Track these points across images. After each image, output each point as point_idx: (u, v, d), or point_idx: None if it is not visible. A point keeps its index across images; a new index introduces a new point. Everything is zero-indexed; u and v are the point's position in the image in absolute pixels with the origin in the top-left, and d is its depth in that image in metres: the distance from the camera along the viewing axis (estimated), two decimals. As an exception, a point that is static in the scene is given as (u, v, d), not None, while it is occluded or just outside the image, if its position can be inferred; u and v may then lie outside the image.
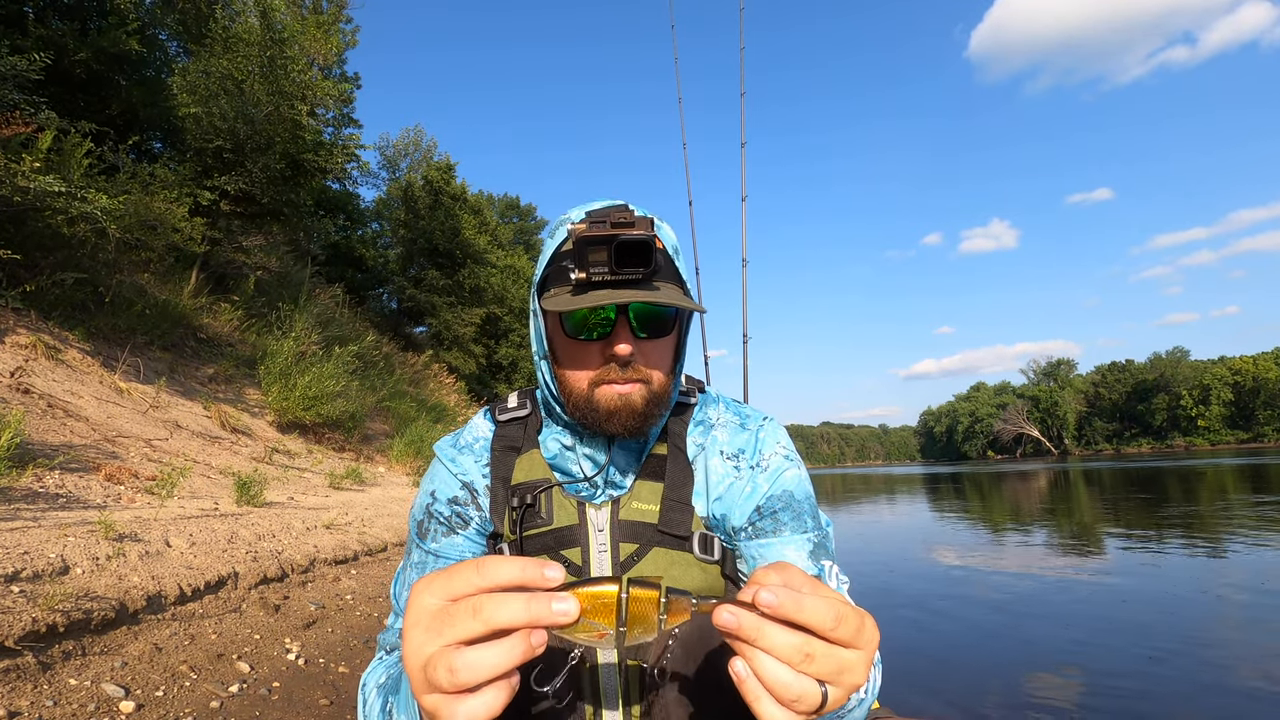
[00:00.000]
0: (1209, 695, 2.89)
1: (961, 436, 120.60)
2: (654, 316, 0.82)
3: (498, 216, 27.63)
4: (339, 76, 15.22)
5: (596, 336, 0.82)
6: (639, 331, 0.82)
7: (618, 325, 0.81)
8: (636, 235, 0.75)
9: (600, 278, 0.77)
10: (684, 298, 0.82)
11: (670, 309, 0.83)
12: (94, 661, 1.94)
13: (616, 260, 0.75)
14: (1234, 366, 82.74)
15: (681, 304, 0.78)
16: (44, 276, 5.38)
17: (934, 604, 4.83)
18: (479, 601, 0.44)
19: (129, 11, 7.50)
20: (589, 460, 0.89)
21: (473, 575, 0.45)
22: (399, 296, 18.55)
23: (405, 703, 0.63)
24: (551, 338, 0.88)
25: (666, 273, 0.84)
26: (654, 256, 0.76)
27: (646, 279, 0.78)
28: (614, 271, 0.76)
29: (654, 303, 0.78)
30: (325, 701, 2.25)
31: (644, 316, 0.82)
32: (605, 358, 0.82)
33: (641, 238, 0.75)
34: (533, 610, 0.44)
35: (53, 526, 2.58)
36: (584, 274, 0.77)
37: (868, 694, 0.74)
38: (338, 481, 6.21)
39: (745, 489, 0.89)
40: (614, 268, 0.76)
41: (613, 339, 0.81)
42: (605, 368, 0.82)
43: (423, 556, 0.90)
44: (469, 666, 0.43)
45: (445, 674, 0.43)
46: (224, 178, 8.13)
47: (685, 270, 0.90)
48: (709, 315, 1.03)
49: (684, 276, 0.88)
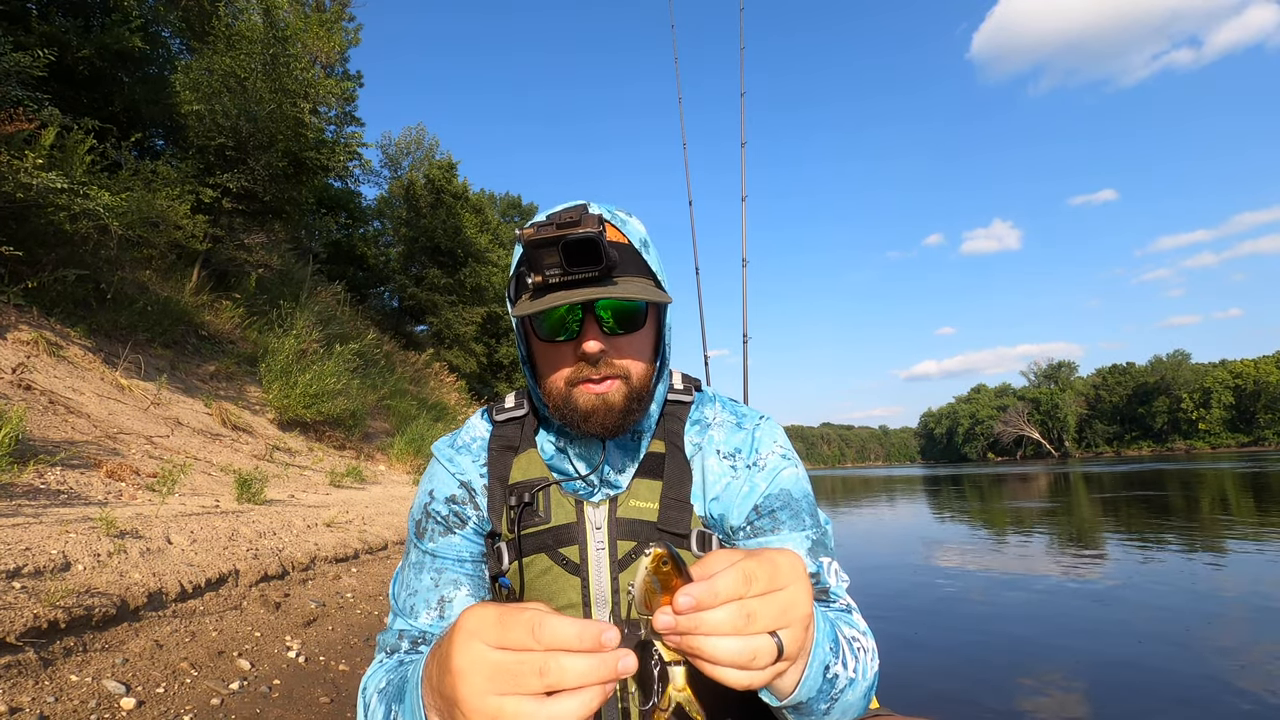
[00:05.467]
0: (1208, 697, 2.89)
1: (962, 438, 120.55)
2: (623, 311, 0.82)
3: (499, 215, 27.63)
4: (341, 75, 15.24)
5: (567, 337, 0.83)
6: (611, 328, 0.82)
7: (585, 324, 0.81)
8: (582, 234, 0.75)
9: (555, 279, 0.77)
10: (647, 290, 0.81)
11: (639, 303, 0.83)
12: (95, 658, 1.94)
13: (567, 260, 0.75)
14: (1235, 369, 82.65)
15: (641, 296, 0.78)
16: (46, 273, 5.39)
17: (933, 604, 4.83)
18: (545, 663, 0.45)
19: (132, 9, 7.50)
20: (582, 460, 0.90)
21: (527, 636, 0.46)
22: (400, 295, 18.56)
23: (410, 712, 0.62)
24: (529, 343, 0.89)
25: (632, 267, 0.84)
26: (603, 252, 0.76)
27: (603, 275, 0.78)
28: (566, 271, 0.76)
29: (617, 298, 0.78)
30: (325, 699, 2.26)
31: (613, 312, 0.82)
32: (577, 357, 0.82)
33: (587, 235, 0.74)
34: (601, 672, 0.45)
35: (54, 523, 2.58)
36: (540, 277, 0.77)
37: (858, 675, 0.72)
38: (338, 479, 6.22)
39: (743, 488, 0.89)
40: (565, 268, 0.76)
41: (581, 338, 0.81)
42: (578, 367, 0.82)
43: (420, 556, 0.91)
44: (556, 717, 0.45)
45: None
46: (226, 175, 8.14)
47: (660, 263, 0.89)
48: (710, 315, 1.03)
49: (654, 269, 0.87)
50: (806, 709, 0.68)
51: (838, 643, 0.71)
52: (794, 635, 0.54)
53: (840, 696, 0.70)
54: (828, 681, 0.68)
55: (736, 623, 0.50)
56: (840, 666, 0.69)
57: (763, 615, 0.51)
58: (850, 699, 0.72)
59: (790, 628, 0.54)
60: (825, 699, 0.68)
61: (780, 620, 0.53)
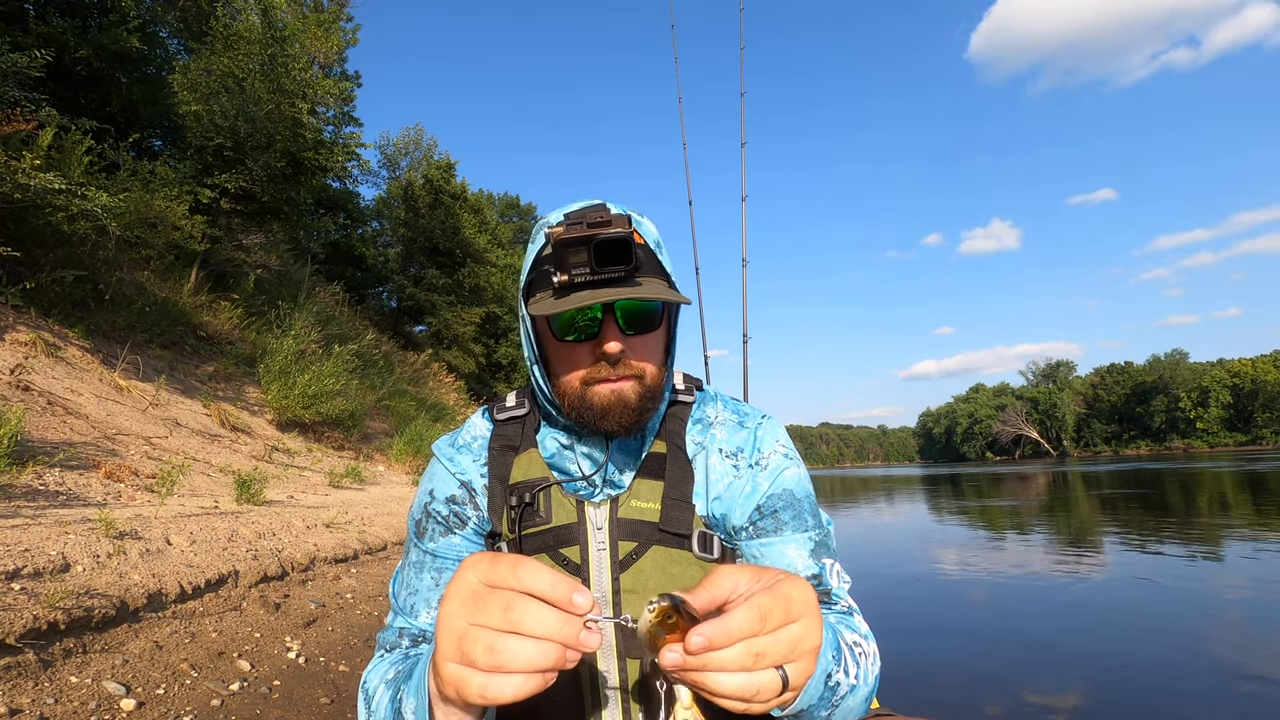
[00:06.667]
0: (1209, 696, 2.89)
1: (960, 438, 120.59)
2: (640, 312, 0.83)
3: (498, 215, 27.62)
4: (339, 75, 15.23)
5: (585, 337, 0.82)
6: (627, 328, 0.82)
7: (605, 324, 0.81)
8: (614, 233, 0.75)
9: (582, 278, 0.77)
10: (669, 291, 0.82)
11: (657, 303, 0.83)
12: (95, 659, 1.94)
13: (597, 260, 0.76)
14: (1233, 369, 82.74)
15: (666, 297, 0.78)
16: (44, 274, 5.38)
17: (933, 604, 4.84)
18: (511, 600, 0.48)
19: (130, 9, 7.49)
20: (587, 459, 0.89)
21: (509, 572, 0.50)
22: (399, 295, 18.54)
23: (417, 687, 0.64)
24: (541, 341, 0.89)
25: (649, 267, 0.84)
26: (634, 253, 0.76)
27: (629, 276, 0.78)
28: (595, 271, 0.76)
29: (640, 299, 0.78)
30: (326, 700, 2.26)
31: (630, 313, 0.82)
32: (595, 357, 0.82)
33: (619, 235, 0.75)
34: (563, 631, 0.48)
35: (53, 524, 2.58)
36: (566, 276, 0.77)
37: (860, 681, 0.72)
38: (337, 480, 6.21)
39: (745, 488, 0.89)
40: (595, 267, 0.76)
41: (601, 338, 0.81)
42: (596, 366, 0.82)
43: (420, 556, 0.90)
44: (508, 652, 0.48)
45: (484, 652, 0.48)
46: (224, 175, 8.13)
47: (671, 263, 0.90)
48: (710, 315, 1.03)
49: (668, 270, 0.88)
50: (807, 716, 0.68)
51: (840, 650, 0.71)
52: (801, 668, 0.55)
53: (841, 703, 0.70)
54: (829, 689, 0.68)
55: (744, 661, 0.51)
56: (842, 674, 0.69)
57: (771, 653, 0.52)
58: (851, 704, 0.72)
59: (799, 661, 0.54)
60: (826, 706, 0.68)
61: (788, 656, 0.53)
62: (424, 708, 0.62)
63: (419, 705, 0.63)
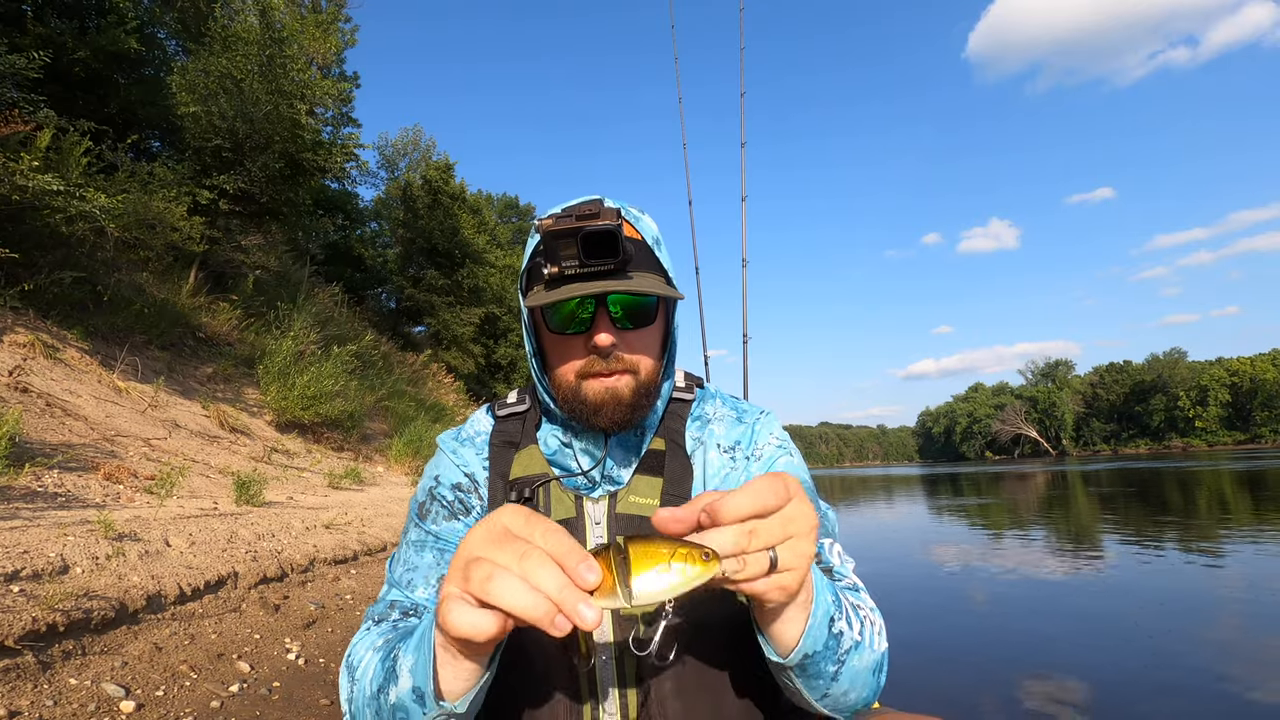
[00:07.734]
0: (1209, 694, 2.89)
1: (960, 437, 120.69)
2: (635, 306, 0.82)
3: (496, 216, 27.64)
4: (338, 76, 15.22)
5: (578, 330, 0.83)
6: (622, 322, 0.82)
7: (597, 317, 0.81)
8: (601, 225, 0.75)
9: (571, 270, 0.77)
10: (663, 285, 0.82)
11: (652, 298, 0.83)
12: (94, 661, 1.94)
13: (585, 252, 0.76)
14: (1231, 368, 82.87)
15: (655, 290, 0.78)
16: (42, 275, 5.37)
17: (933, 603, 4.84)
18: (529, 552, 0.50)
19: (128, 10, 7.48)
20: (586, 455, 0.89)
21: (535, 528, 0.52)
22: (398, 296, 18.54)
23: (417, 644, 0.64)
24: (538, 334, 0.89)
25: (645, 263, 0.84)
26: (621, 246, 0.76)
27: (619, 269, 0.78)
28: (583, 263, 0.76)
29: (627, 291, 0.78)
30: (325, 701, 2.25)
31: (625, 307, 0.82)
32: (588, 350, 0.82)
33: (607, 228, 0.75)
34: (562, 595, 0.48)
35: (52, 526, 2.57)
36: (555, 268, 0.78)
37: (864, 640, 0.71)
38: (337, 481, 6.21)
39: (741, 479, 0.90)
40: (583, 260, 0.76)
41: (593, 330, 0.81)
42: (589, 360, 0.83)
43: (422, 535, 0.90)
44: (499, 586, 0.49)
45: (480, 579, 0.50)
46: (223, 177, 8.12)
47: (670, 262, 0.90)
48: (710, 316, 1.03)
49: (666, 267, 0.88)
50: (813, 668, 0.67)
51: (839, 600, 0.71)
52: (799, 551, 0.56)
53: (847, 659, 0.69)
54: (833, 636, 0.67)
55: (740, 542, 0.53)
56: (845, 624, 0.69)
57: (765, 534, 0.54)
58: (858, 666, 0.71)
59: (800, 541, 0.56)
60: (832, 658, 0.68)
61: (782, 537, 0.55)
62: (426, 662, 0.62)
63: (418, 661, 0.63)
